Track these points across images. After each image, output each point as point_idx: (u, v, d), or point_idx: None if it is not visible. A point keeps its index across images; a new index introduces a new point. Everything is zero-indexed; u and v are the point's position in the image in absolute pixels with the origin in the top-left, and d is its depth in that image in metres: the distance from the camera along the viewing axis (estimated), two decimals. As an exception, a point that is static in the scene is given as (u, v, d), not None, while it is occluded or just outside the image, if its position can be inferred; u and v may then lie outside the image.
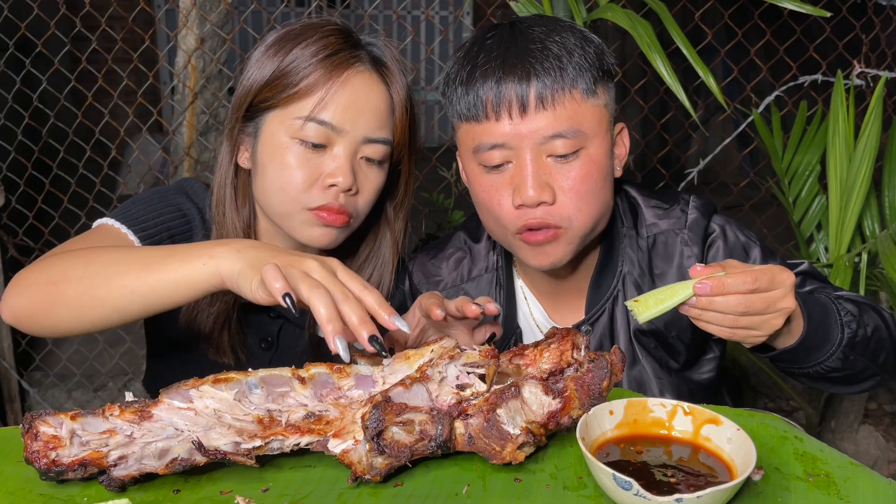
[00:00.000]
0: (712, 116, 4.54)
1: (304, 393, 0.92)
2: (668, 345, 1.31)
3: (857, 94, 2.00)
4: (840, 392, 1.37)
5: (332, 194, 1.23)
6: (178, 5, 2.52)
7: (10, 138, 2.69)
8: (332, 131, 1.22)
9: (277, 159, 1.24)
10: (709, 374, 1.36)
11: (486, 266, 1.39)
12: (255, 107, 1.26)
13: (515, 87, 1.15)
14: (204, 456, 0.85)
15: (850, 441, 2.42)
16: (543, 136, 1.15)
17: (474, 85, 1.19)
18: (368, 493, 0.86)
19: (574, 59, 1.17)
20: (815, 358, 1.13)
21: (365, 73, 1.25)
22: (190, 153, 2.61)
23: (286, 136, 1.23)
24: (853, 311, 1.15)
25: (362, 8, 6.08)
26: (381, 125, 1.26)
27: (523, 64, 1.16)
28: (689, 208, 1.30)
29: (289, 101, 1.23)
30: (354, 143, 1.23)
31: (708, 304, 0.99)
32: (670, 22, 1.65)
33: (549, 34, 1.19)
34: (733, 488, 0.79)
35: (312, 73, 1.22)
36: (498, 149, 1.18)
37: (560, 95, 1.15)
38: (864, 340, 1.15)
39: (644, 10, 1.82)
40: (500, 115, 1.16)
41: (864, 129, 1.89)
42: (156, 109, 2.71)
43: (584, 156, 1.18)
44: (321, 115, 1.21)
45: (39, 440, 0.86)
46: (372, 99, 1.24)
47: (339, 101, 1.22)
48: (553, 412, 0.91)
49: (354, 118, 1.23)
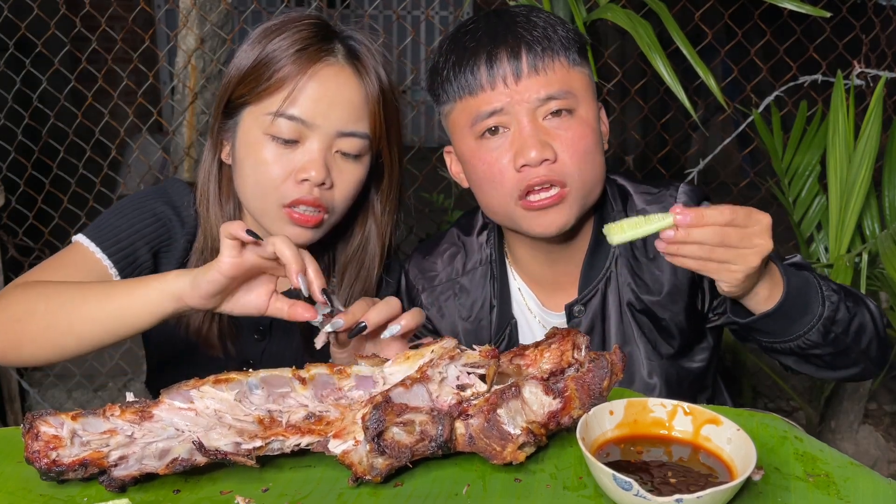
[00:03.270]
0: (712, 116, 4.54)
1: (304, 393, 0.92)
2: (661, 327, 1.32)
3: (857, 94, 2.00)
4: (826, 378, 1.38)
5: (305, 188, 1.22)
6: (178, 5, 2.52)
7: (10, 138, 2.68)
8: (303, 126, 1.21)
9: (252, 156, 1.24)
10: (700, 363, 1.37)
11: (480, 259, 1.41)
12: (233, 103, 1.27)
13: (508, 57, 1.20)
14: (204, 456, 0.85)
15: (850, 441, 2.42)
16: (538, 98, 1.20)
17: (467, 62, 1.22)
18: (368, 493, 0.86)
19: (559, 32, 1.23)
20: (796, 330, 1.15)
21: (335, 65, 1.24)
22: (190, 153, 2.61)
23: (259, 132, 1.23)
24: (835, 289, 1.17)
25: (362, 8, 6.08)
26: (356, 118, 1.24)
27: (514, 35, 1.21)
28: (678, 193, 1.32)
29: (262, 95, 1.23)
30: (327, 137, 1.23)
31: (686, 235, 1.01)
32: (670, 22, 1.65)
33: (531, 12, 1.26)
34: (733, 488, 0.79)
35: (284, 68, 1.21)
36: (496, 115, 1.21)
37: (550, 62, 1.21)
38: (846, 320, 1.17)
39: (644, 10, 1.82)
40: (494, 84, 1.21)
41: (864, 129, 1.89)
42: (156, 109, 2.71)
43: (577, 117, 1.23)
44: (290, 109, 1.21)
45: (40, 440, 0.86)
46: (344, 92, 1.23)
47: (309, 95, 1.21)
48: (553, 412, 0.91)
49: (325, 112, 1.22)
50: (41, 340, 1.11)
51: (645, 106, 2.73)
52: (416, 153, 2.43)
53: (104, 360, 3.04)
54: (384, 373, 0.95)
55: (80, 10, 2.51)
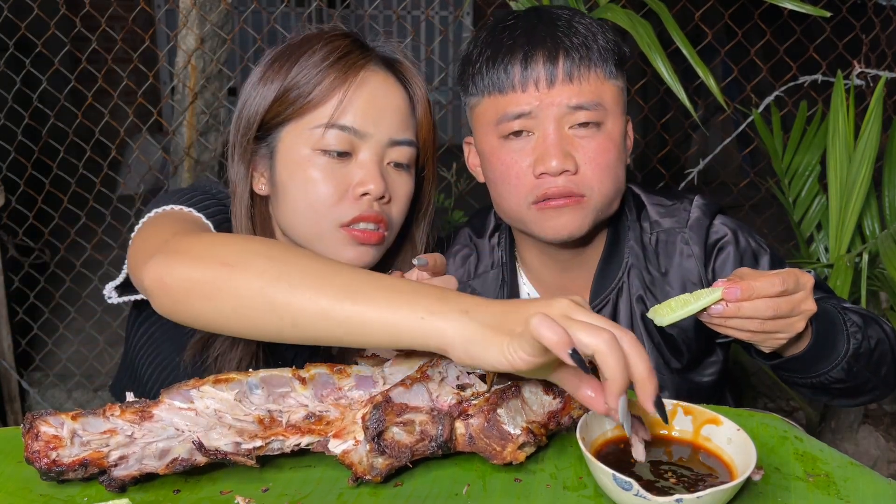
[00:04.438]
0: (712, 116, 4.54)
1: (304, 393, 0.92)
2: (670, 343, 1.32)
3: (857, 94, 2.00)
4: (839, 405, 1.38)
5: (364, 204, 1.14)
6: (178, 5, 2.52)
7: (10, 138, 2.69)
8: (354, 136, 1.14)
9: (300, 175, 1.15)
10: (710, 377, 1.36)
11: (492, 262, 1.40)
12: (266, 125, 1.18)
13: (544, 61, 1.18)
14: (204, 456, 0.85)
15: (850, 441, 2.42)
16: (567, 106, 1.18)
17: (502, 60, 1.20)
18: (368, 493, 0.86)
19: (599, 42, 1.20)
20: (821, 368, 1.14)
21: (380, 72, 1.18)
22: (190, 153, 2.61)
23: (307, 149, 1.15)
24: (858, 323, 1.15)
25: (362, 8, 6.07)
26: (404, 126, 1.19)
27: (552, 40, 1.19)
28: (691, 207, 1.31)
29: (304, 111, 1.15)
30: (380, 146, 1.16)
31: (736, 310, 0.98)
32: (670, 22, 1.65)
33: (574, 16, 1.23)
34: (733, 488, 0.79)
35: (325, 79, 1.14)
36: (523, 118, 1.20)
37: (585, 72, 1.19)
38: (868, 352, 1.15)
39: (644, 10, 1.82)
40: (526, 86, 1.19)
41: (864, 129, 1.89)
42: (156, 109, 2.71)
43: (604, 131, 1.21)
44: (341, 119, 1.14)
45: (40, 440, 0.86)
46: (391, 98, 1.18)
47: (358, 104, 1.15)
48: (553, 412, 0.91)
49: (376, 120, 1.15)
50: (243, 301, 0.88)
51: (645, 106, 2.73)
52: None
53: (104, 360, 3.04)
54: (384, 373, 0.95)
55: (80, 10, 2.51)
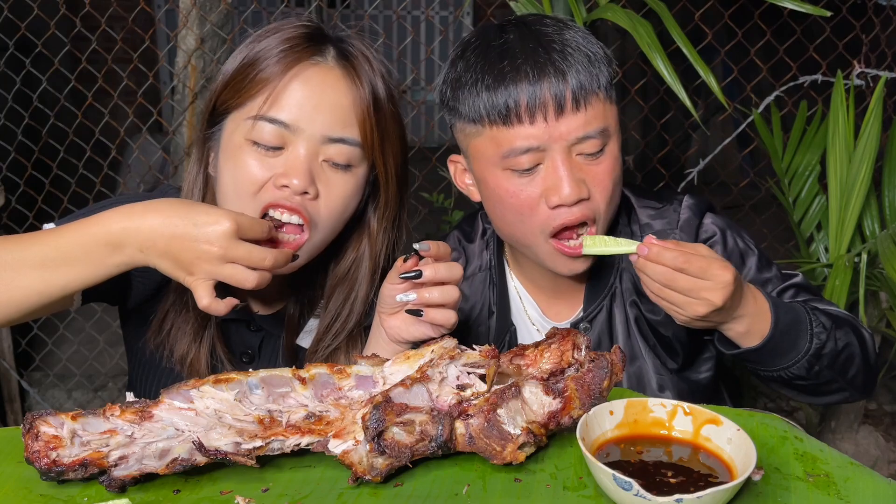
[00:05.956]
0: (712, 116, 4.53)
1: (304, 393, 0.92)
2: (665, 343, 1.32)
3: (857, 94, 2.00)
4: (806, 401, 1.42)
5: (285, 194, 1.13)
6: (178, 5, 2.52)
7: (10, 138, 2.68)
8: (286, 130, 1.13)
9: (232, 162, 1.16)
10: (707, 373, 1.37)
11: (480, 265, 1.40)
12: (218, 111, 1.19)
13: (552, 87, 1.14)
14: (204, 456, 0.85)
15: (850, 441, 2.42)
16: (576, 136, 1.16)
17: (505, 88, 1.15)
18: (368, 493, 0.86)
19: (598, 57, 1.19)
20: (780, 363, 1.17)
21: (323, 66, 1.16)
22: (190, 153, 2.61)
23: (241, 138, 1.15)
24: (826, 324, 1.18)
25: (362, 8, 6.08)
26: (344, 124, 1.15)
27: (553, 64, 1.15)
28: (681, 208, 1.31)
29: (244, 98, 1.15)
30: (313, 142, 1.13)
31: (643, 266, 1.09)
32: (670, 22, 1.65)
33: (561, 32, 1.20)
34: (733, 488, 0.79)
35: (267, 68, 1.14)
36: (531, 152, 1.16)
37: (591, 97, 1.17)
38: (833, 354, 1.18)
39: (644, 10, 1.82)
40: (534, 117, 1.15)
41: (864, 129, 1.89)
42: (156, 109, 2.71)
43: (608, 152, 1.20)
44: (272, 112, 1.12)
45: (40, 440, 0.86)
46: (332, 94, 1.14)
47: (293, 97, 1.13)
48: (553, 412, 0.91)
49: (311, 115, 1.13)
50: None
51: (645, 106, 2.73)
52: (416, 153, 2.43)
53: (104, 360, 3.04)
54: (384, 373, 0.95)
55: (80, 10, 2.51)
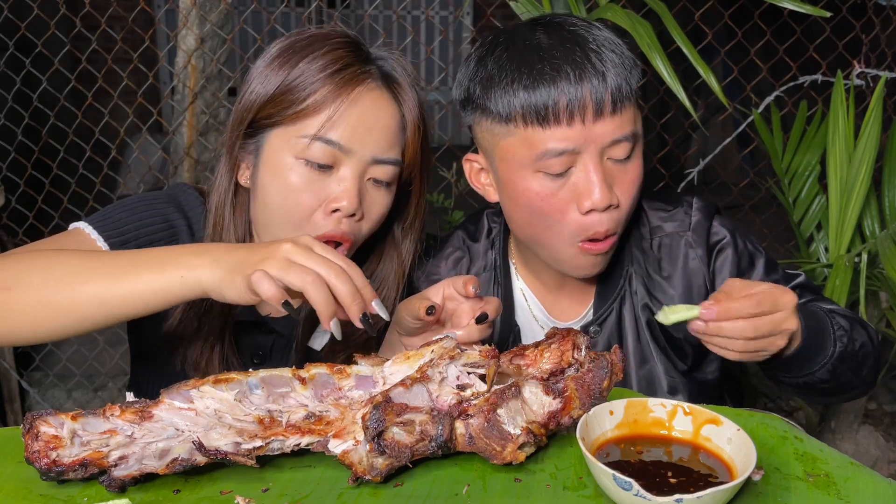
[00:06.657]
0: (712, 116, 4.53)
1: (304, 393, 0.92)
2: (675, 346, 1.32)
3: (857, 94, 2.00)
4: (820, 402, 1.42)
5: (334, 220, 1.17)
6: (178, 5, 2.52)
7: (10, 138, 2.68)
8: (339, 151, 1.16)
9: (280, 180, 1.18)
10: (713, 374, 1.37)
11: (485, 265, 1.39)
12: (258, 123, 1.20)
13: (593, 89, 1.12)
14: (204, 456, 0.85)
15: (850, 441, 2.42)
16: (610, 139, 1.14)
17: (545, 87, 1.12)
18: (368, 493, 0.86)
19: (630, 59, 1.16)
20: (808, 369, 1.17)
21: (375, 90, 1.19)
22: (190, 153, 2.62)
23: (290, 156, 1.17)
24: (845, 326, 1.18)
25: (362, 8, 6.08)
26: (391, 145, 1.20)
27: (592, 64, 1.13)
28: (692, 210, 1.31)
29: (294, 118, 1.17)
30: (362, 164, 1.18)
31: (717, 329, 1.02)
32: (670, 22, 1.65)
33: (592, 31, 1.17)
34: (733, 489, 0.79)
35: (320, 90, 1.16)
36: (565, 155, 1.14)
37: (626, 101, 1.15)
38: (853, 354, 1.18)
39: (644, 10, 1.82)
40: (572, 119, 1.12)
41: (864, 129, 1.90)
42: (156, 109, 2.71)
43: (635, 158, 1.19)
44: (329, 134, 1.15)
45: (40, 440, 0.86)
46: (382, 117, 1.19)
47: (349, 120, 1.16)
48: (553, 412, 0.91)
49: (363, 138, 1.17)
50: (33, 316, 1.00)
51: (645, 106, 2.73)
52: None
53: (104, 360, 3.04)
54: (384, 373, 0.95)
55: (80, 10, 2.51)
